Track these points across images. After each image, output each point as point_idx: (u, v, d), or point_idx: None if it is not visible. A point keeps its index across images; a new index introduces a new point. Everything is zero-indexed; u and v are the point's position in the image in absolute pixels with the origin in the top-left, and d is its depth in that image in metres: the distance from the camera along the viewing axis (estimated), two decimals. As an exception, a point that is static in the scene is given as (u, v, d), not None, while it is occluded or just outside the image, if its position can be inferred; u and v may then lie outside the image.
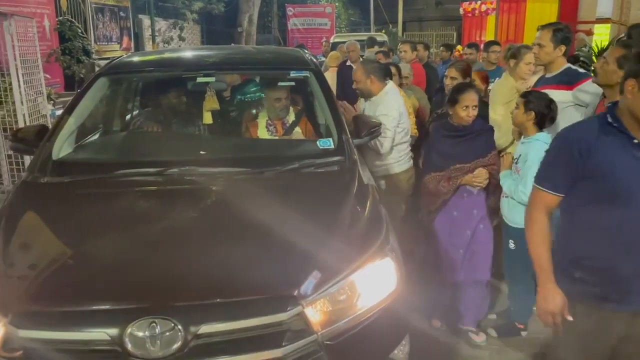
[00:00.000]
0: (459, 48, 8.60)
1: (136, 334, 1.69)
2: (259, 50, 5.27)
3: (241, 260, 1.96)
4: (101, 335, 1.71)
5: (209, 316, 1.75)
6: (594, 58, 7.28)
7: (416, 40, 7.64)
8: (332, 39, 12.97)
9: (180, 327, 1.71)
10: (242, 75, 4.06)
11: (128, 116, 3.69)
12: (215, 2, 17.70)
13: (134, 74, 3.45)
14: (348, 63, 6.69)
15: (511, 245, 3.05)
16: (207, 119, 3.41)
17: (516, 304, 3.22)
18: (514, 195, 2.92)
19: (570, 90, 3.22)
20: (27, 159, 5.62)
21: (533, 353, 3.04)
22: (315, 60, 3.58)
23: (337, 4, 22.55)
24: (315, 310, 1.85)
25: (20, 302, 1.78)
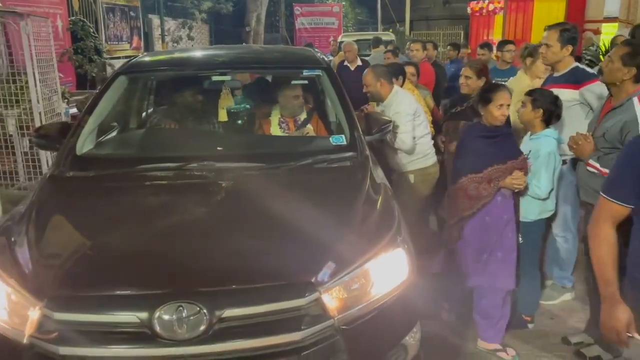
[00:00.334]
0: (468, 49, 8.62)
1: (164, 317, 1.79)
2: (272, 49, 5.37)
3: (262, 249, 2.06)
4: (131, 318, 1.81)
5: (232, 301, 1.85)
6: (601, 57, 7.32)
7: (425, 40, 7.69)
8: (340, 38, 13.03)
9: (205, 311, 1.80)
10: (255, 74, 4.17)
11: (146, 113, 3.80)
12: (223, 2, 17.85)
13: (152, 72, 3.54)
14: (345, 63, 6.78)
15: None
16: (223, 116, 3.52)
17: (523, 297, 3.26)
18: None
19: (577, 89, 3.30)
20: (43, 157, 5.76)
21: (540, 344, 3.12)
22: (326, 59, 3.68)
23: (344, 3, 22.54)
24: (331, 296, 1.94)
25: (55, 288, 1.89)
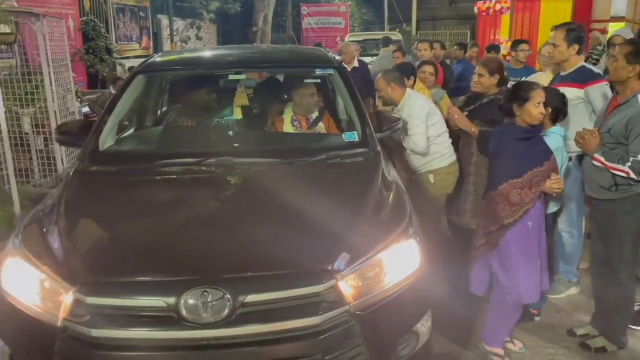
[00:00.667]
0: (477, 48, 8.66)
1: (190, 301, 1.90)
2: (284, 49, 5.49)
3: (281, 239, 2.17)
4: (159, 302, 1.91)
5: (254, 287, 1.95)
6: (604, 57, 7.36)
7: (433, 39, 7.76)
8: (347, 38, 13.11)
9: (228, 296, 1.90)
10: (269, 73, 4.28)
11: (162, 111, 3.91)
12: (231, 2, 18.00)
13: (169, 71, 3.65)
14: (342, 64, 6.84)
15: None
16: (238, 113, 3.63)
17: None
18: None
19: (582, 88, 3.38)
20: (58, 154, 5.89)
21: (546, 336, 3.20)
22: (337, 58, 3.78)
23: (351, 3, 22.56)
24: (347, 284, 2.04)
25: (87, 274, 2.00)
